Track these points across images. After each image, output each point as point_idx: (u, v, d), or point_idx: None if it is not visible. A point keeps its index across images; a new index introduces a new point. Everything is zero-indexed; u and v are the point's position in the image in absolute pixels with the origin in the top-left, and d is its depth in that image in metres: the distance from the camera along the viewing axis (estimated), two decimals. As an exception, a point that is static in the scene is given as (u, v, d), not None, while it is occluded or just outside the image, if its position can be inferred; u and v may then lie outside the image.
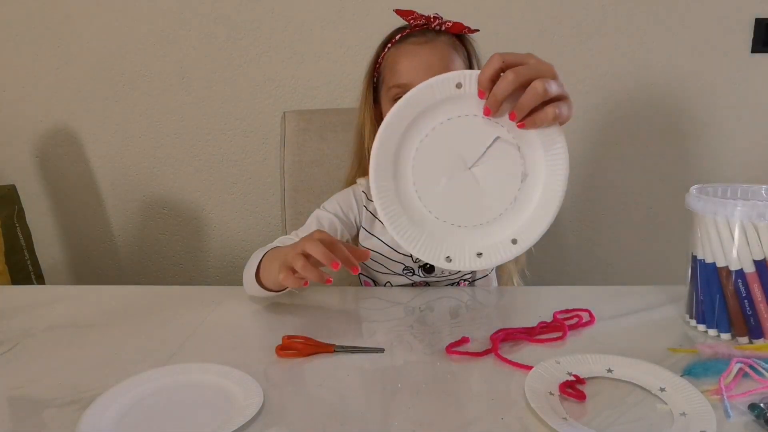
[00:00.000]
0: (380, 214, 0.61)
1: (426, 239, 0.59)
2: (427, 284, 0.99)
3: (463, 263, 0.57)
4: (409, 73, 0.90)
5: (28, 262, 1.55)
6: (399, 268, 0.99)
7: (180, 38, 1.55)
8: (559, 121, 0.58)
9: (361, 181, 1.03)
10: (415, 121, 0.61)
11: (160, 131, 1.62)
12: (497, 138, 0.57)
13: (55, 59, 1.59)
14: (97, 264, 1.74)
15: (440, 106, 0.60)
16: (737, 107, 1.56)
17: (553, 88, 0.57)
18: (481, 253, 0.56)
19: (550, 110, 0.56)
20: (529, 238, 0.56)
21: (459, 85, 0.59)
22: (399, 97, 0.92)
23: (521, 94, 0.57)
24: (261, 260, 0.83)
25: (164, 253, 1.72)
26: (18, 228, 1.54)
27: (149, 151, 1.64)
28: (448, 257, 0.57)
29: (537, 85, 0.56)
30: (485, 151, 0.57)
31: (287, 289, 0.83)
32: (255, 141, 1.61)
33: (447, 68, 0.92)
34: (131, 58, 1.58)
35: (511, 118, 0.57)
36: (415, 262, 0.98)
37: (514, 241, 0.55)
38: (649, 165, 1.60)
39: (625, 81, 1.55)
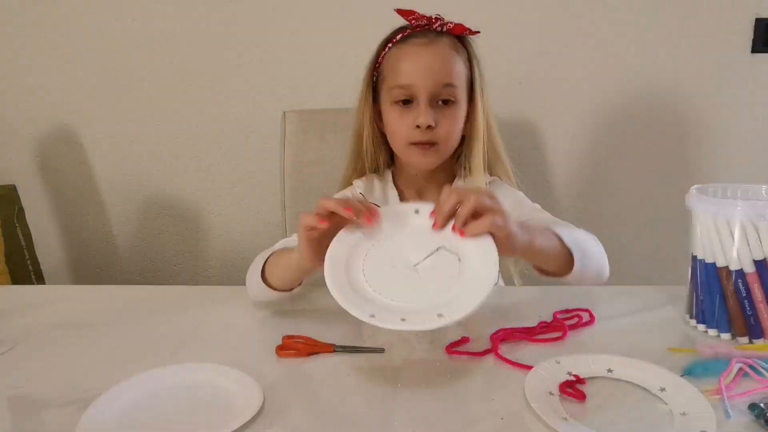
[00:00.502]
0: (326, 274, 0.67)
1: (356, 297, 0.65)
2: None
3: (386, 323, 0.62)
4: (411, 75, 0.90)
5: (28, 262, 1.55)
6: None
7: (180, 38, 1.55)
8: (492, 230, 0.65)
9: (357, 182, 1.03)
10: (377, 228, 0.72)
11: (160, 131, 1.62)
12: (441, 246, 0.68)
13: (56, 59, 1.59)
14: (97, 264, 1.74)
15: (399, 220, 0.72)
16: (737, 107, 1.55)
17: (487, 202, 0.66)
18: (404, 319, 0.62)
19: (484, 220, 0.65)
20: (453, 317, 0.62)
21: (417, 211, 0.72)
22: (400, 99, 0.92)
23: None
24: (266, 261, 0.82)
25: (164, 253, 1.72)
26: (18, 228, 1.54)
27: (149, 151, 1.64)
28: (372, 315, 0.62)
29: (471, 198, 0.66)
30: (429, 255, 0.68)
31: (295, 290, 0.83)
32: (255, 141, 1.61)
33: (449, 70, 0.92)
34: (131, 58, 1.57)
35: (453, 229, 0.67)
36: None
37: (440, 315, 0.62)
38: (649, 165, 1.60)
39: (625, 81, 1.55)
